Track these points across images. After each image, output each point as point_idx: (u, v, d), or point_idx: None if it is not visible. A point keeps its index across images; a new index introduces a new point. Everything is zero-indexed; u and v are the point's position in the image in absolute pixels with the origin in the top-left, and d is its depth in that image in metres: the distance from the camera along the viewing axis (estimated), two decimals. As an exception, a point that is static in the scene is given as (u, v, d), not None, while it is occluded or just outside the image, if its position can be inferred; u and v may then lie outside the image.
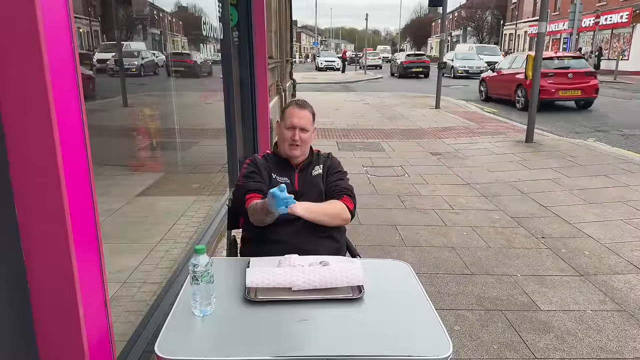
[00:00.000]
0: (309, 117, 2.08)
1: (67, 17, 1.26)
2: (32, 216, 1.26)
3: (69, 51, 1.27)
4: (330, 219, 1.99)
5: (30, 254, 1.29)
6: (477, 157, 7.05)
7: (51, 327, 1.35)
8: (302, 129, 2.03)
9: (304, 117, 2.05)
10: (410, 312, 1.49)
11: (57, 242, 1.27)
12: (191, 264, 1.40)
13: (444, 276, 3.32)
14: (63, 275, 1.30)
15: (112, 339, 1.56)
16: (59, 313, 1.34)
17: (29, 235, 1.28)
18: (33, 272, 1.30)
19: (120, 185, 2.51)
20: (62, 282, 1.30)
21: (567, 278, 3.31)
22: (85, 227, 1.36)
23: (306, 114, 2.07)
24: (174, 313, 1.44)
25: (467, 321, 2.77)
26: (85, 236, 1.37)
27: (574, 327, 2.72)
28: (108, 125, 2.36)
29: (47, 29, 1.16)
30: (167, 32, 3.29)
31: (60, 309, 1.33)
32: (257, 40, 5.43)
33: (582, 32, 29.98)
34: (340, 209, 2.01)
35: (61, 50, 1.24)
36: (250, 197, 1.97)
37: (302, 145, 2.05)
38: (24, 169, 1.23)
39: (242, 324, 1.39)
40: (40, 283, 1.31)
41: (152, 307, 2.41)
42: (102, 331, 1.48)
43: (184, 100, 3.60)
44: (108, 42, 2.44)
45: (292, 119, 2.03)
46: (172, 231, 3.16)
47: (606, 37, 29.69)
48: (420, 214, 4.58)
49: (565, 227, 4.22)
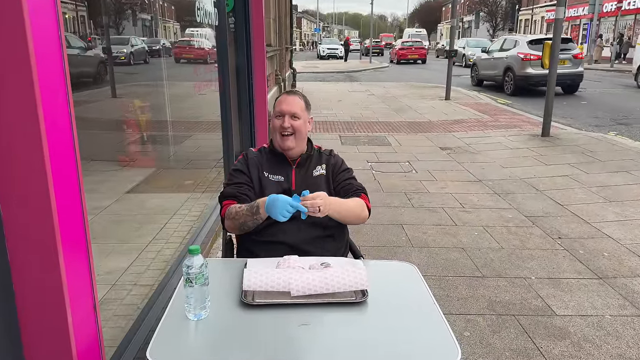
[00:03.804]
0: (300, 103, 2.05)
1: (53, 5, 1.27)
2: (17, 215, 1.28)
3: (55, 40, 1.28)
4: (355, 218, 2.01)
5: (15, 254, 1.30)
6: (490, 152, 7.04)
7: (38, 331, 1.36)
8: (293, 116, 2.00)
9: (293, 103, 2.02)
10: (417, 317, 1.50)
11: (44, 242, 1.28)
12: (185, 265, 1.41)
13: (453, 279, 3.34)
14: (50, 277, 1.31)
15: (102, 345, 1.57)
16: (46, 317, 1.35)
17: (14, 235, 1.29)
18: (18, 274, 1.32)
19: (109, 181, 2.52)
20: (49, 284, 1.32)
21: (584, 281, 3.32)
22: (73, 225, 1.37)
23: (296, 99, 2.05)
24: (167, 317, 1.45)
25: (478, 327, 2.79)
26: (74, 235, 1.38)
27: (592, 333, 2.73)
28: (96, 117, 2.37)
29: (33, 16, 1.17)
30: (159, 18, 3.30)
31: (48, 312, 1.34)
32: (254, 26, 5.43)
33: (603, 17, 29.84)
34: (362, 208, 2.03)
35: (48, 39, 1.25)
36: (227, 204, 1.97)
37: (296, 135, 2.01)
38: (8, 165, 1.24)
39: (239, 329, 1.40)
40: (26, 285, 1.33)
41: (144, 311, 2.43)
42: (91, 336, 1.50)
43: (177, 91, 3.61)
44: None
45: (281, 106, 2.02)
46: (164, 230, 3.18)
47: (629, 23, 29.54)
48: (428, 213, 4.58)
49: (584, 227, 4.23)
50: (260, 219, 1.85)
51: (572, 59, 12.73)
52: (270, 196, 1.78)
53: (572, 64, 12.76)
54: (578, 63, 12.96)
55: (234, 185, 2.02)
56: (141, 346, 2.17)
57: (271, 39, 8.54)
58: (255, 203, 1.86)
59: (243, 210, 1.87)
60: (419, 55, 29.98)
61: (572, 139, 7.70)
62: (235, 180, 2.03)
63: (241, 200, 1.95)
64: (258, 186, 2.02)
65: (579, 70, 12.92)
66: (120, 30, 2.73)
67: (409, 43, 31.84)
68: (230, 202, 1.97)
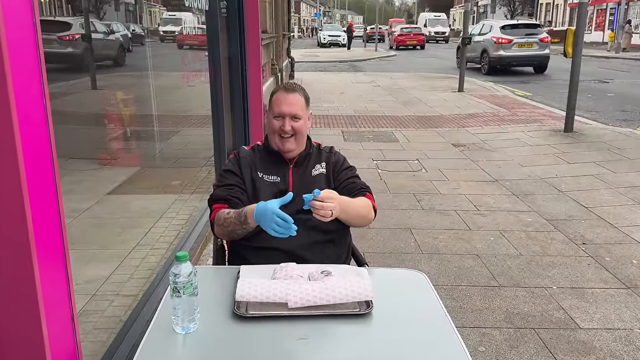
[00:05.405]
0: (301, 101, 2.03)
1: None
2: (-12, 217, 1.28)
3: (30, 25, 1.28)
4: (361, 220, 2.01)
5: (-14, 261, 1.31)
6: (507, 149, 7.05)
7: (11, 344, 1.36)
8: (294, 117, 1.99)
9: (294, 103, 2.00)
10: (427, 330, 1.50)
11: (17, 248, 1.28)
12: (172, 273, 1.41)
13: (467, 289, 3.34)
14: (23, 286, 1.31)
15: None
16: (19, 330, 1.35)
17: (-16, 240, 1.29)
18: (-11, 283, 1.32)
19: (88, 181, 2.53)
20: (23, 295, 1.32)
21: (611, 291, 3.32)
22: (49, 229, 1.37)
23: (297, 97, 2.02)
24: (152, 330, 1.45)
25: (494, 341, 2.79)
26: (49, 240, 1.38)
27: (619, 348, 2.73)
28: (74, 111, 2.37)
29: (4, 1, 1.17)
30: (143, 3, 3.30)
31: (21, 324, 1.34)
32: (248, 11, 5.43)
33: (632, 1, 29.81)
34: (369, 208, 2.03)
35: (21, 23, 1.25)
36: (216, 208, 1.96)
37: (297, 137, 2.01)
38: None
39: (231, 343, 1.40)
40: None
41: (127, 324, 2.43)
42: (69, 351, 1.50)
43: (163, 82, 3.62)
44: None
45: (281, 106, 1.99)
46: (149, 235, 3.18)
47: (661, 8, 29.54)
48: (439, 216, 4.59)
49: (610, 232, 4.23)
50: (249, 228, 1.83)
51: (538, 42, 16.12)
52: (260, 204, 1.74)
53: (539, 47, 16.15)
54: (544, 46, 16.26)
55: (224, 187, 2.01)
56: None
57: (267, 25, 8.55)
58: (243, 211, 1.82)
59: (231, 218, 1.86)
60: (418, 41, 33.47)
61: (598, 134, 7.70)
62: (226, 181, 2.03)
63: (232, 204, 1.95)
64: (251, 188, 2.02)
65: (546, 52, 16.15)
66: (101, 16, 2.73)
67: (408, 29, 35.68)
68: (220, 205, 1.96)
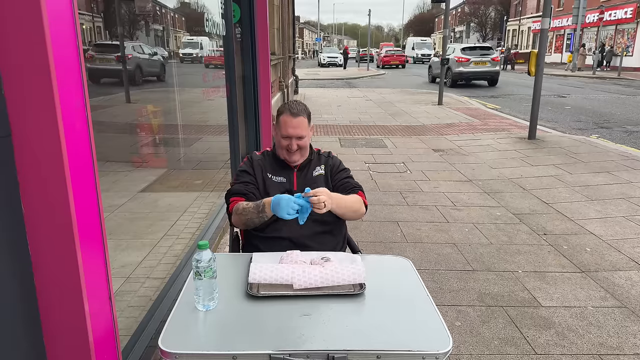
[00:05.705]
0: (305, 123, 2.02)
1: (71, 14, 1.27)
2: (38, 211, 1.28)
3: (74, 48, 1.28)
4: (353, 213, 2.01)
5: (36, 249, 1.31)
6: (480, 153, 7.04)
7: (57, 321, 1.37)
8: (299, 137, 2.01)
9: (299, 126, 2.00)
10: (411, 307, 1.50)
11: (63, 237, 1.29)
12: (194, 259, 1.41)
13: (445, 272, 3.34)
14: (68, 270, 1.31)
15: (117, 334, 1.58)
16: (64, 308, 1.35)
17: (35, 230, 1.29)
18: (39, 267, 1.32)
19: (123, 181, 2.53)
20: (68, 277, 1.32)
21: (568, 274, 3.31)
22: (90, 222, 1.38)
23: (301, 121, 2.01)
24: (177, 308, 1.45)
25: (468, 317, 2.79)
26: (90, 231, 1.38)
27: (575, 323, 2.73)
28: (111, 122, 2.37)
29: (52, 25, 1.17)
30: (170, 29, 3.30)
31: (66, 304, 1.35)
32: (259, 36, 5.43)
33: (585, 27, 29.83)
34: (360, 204, 2.03)
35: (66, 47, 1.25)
36: (234, 201, 1.98)
37: (302, 151, 2.05)
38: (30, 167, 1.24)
39: (245, 319, 1.40)
40: (45, 278, 1.33)
41: (156, 303, 2.43)
42: (107, 326, 1.50)
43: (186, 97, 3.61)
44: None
45: (287, 129, 1.99)
46: (175, 227, 3.18)
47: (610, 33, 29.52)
48: (422, 211, 4.58)
49: (567, 224, 4.22)
50: (265, 217, 1.86)
51: (491, 61, 17.44)
52: (276, 196, 1.78)
53: (491, 64, 17.41)
54: (495, 64, 17.59)
55: (241, 183, 2.03)
56: (153, 335, 2.17)
57: (275, 48, 8.54)
58: (261, 202, 1.87)
59: (250, 208, 1.88)
60: (399, 61, 35.46)
61: (557, 141, 7.69)
62: (242, 179, 2.05)
63: (249, 197, 1.97)
64: (262, 186, 2.04)
65: (496, 69, 17.59)
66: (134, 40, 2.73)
67: (392, 51, 37.52)
68: (237, 198, 1.98)
